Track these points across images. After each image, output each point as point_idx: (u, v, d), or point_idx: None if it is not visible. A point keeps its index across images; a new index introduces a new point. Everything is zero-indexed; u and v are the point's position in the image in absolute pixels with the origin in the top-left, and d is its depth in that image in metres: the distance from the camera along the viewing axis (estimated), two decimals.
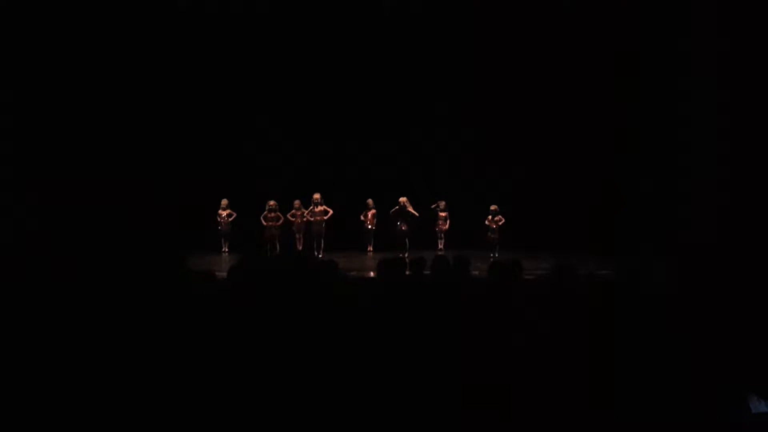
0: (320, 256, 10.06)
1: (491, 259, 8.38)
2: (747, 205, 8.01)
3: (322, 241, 10.45)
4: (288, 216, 10.58)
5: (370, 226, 10.80)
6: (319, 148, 11.29)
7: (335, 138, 11.30)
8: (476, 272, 5.37)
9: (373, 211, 10.77)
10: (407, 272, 4.11)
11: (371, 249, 10.84)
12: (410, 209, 10.38)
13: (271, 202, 10.46)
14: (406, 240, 10.37)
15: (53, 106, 10.02)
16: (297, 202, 10.57)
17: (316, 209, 10.43)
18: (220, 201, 10.79)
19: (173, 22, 10.59)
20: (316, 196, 10.45)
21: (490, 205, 10.40)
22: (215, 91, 11.05)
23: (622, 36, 9.88)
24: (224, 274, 3.48)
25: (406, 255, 9.84)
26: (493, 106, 10.88)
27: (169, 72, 10.80)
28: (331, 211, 10.49)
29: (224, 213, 10.79)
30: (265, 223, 10.51)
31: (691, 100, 9.19)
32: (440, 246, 10.67)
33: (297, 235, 10.60)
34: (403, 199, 10.42)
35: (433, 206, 10.68)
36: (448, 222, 10.67)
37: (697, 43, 8.97)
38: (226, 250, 10.77)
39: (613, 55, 9.99)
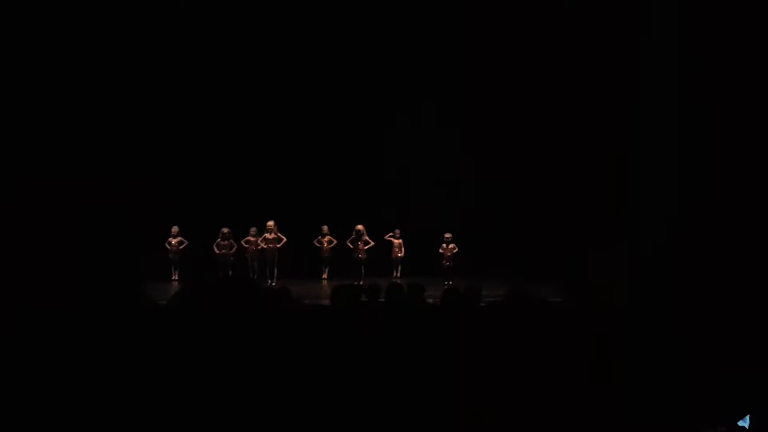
0: (273, 283, 9.88)
1: (445, 287, 8.36)
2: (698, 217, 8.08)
3: (276, 269, 10.28)
4: (242, 242, 10.40)
5: (325, 254, 10.71)
6: (275, 174, 11.18)
7: (292, 164, 11.22)
8: (431, 299, 5.36)
9: (328, 237, 10.70)
10: (362, 299, 4.06)
11: (326, 276, 10.72)
12: (366, 237, 10.38)
13: (225, 229, 10.28)
14: (362, 267, 10.31)
15: None
16: (253, 230, 10.42)
17: (269, 236, 10.29)
18: (171, 228, 10.53)
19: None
20: (270, 223, 10.32)
21: (445, 233, 10.48)
22: (167, 113, 10.83)
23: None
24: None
25: (361, 282, 9.77)
26: (446, 133, 10.98)
27: (118, 94, 10.50)
28: (284, 239, 10.36)
29: (175, 240, 10.52)
30: (217, 251, 10.29)
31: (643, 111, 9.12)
32: (395, 273, 10.64)
33: (250, 263, 10.41)
34: (359, 227, 10.42)
35: (388, 236, 10.68)
36: (403, 249, 10.67)
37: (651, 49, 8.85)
38: (176, 278, 10.48)
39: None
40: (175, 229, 10.55)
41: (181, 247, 10.53)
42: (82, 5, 9.65)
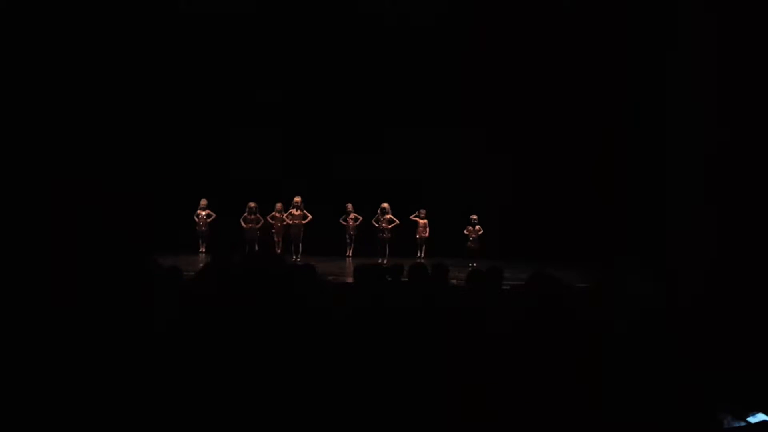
0: (298, 260, 9.97)
1: (470, 268, 8.36)
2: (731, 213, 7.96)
3: (300, 245, 10.36)
4: (268, 218, 10.48)
5: (350, 232, 10.74)
6: (303, 151, 11.19)
7: (319, 140, 11.22)
8: (454, 280, 5.34)
9: (353, 215, 10.72)
10: (385, 279, 4.05)
11: (350, 254, 10.78)
12: (390, 216, 10.36)
13: (252, 204, 10.36)
14: (386, 246, 10.32)
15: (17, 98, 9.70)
16: (279, 205, 10.47)
17: (295, 212, 10.34)
18: (199, 201, 10.66)
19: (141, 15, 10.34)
20: (297, 199, 10.37)
21: (471, 214, 10.41)
22: (196, 86, 10.91)
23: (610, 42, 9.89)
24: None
25: (385, 261, 9.80)
26: (477, 110, 10.84)
27: (144, 67, 10.58)
28: (310, 216, 10.41)
29: (203, 213, 10.65)
30: (244, 225, 10.40)
31: (678, 104, 9.17)
32: (420, 254, 10.64)
33: (276, 239, 10.49)
34: (384, 205, 10.40)
35: (413, 216, 10.65)
36: (428, 230, 10.65)
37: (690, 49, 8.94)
38: (203, 250, 10.65)
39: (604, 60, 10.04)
40: (203, 201, 10.68)
41: (208, 220, 10.67)
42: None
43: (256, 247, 10.29)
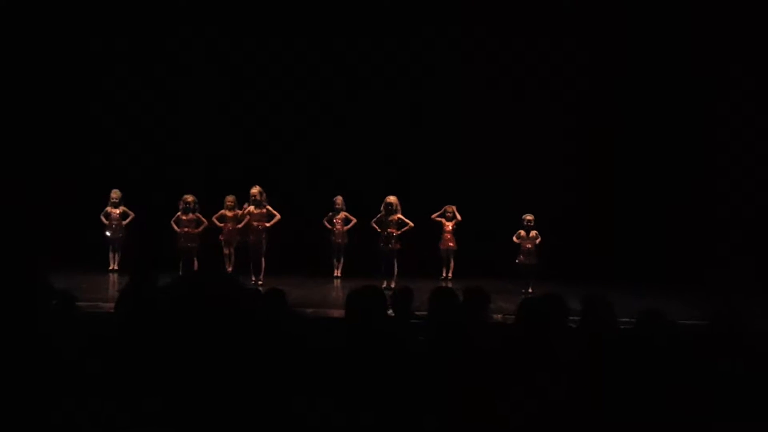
0: (260, 282, 10.00)
1: (522, 296, 8.38)
2: None
3: (263, 261, 10.38)
4: (213, 219, 10.53)
5: (338, 239, 10.75)
6: (264, 118, 11.34)
7: (290, 107, 11.38)
8: (498, 315, 5.35)
9: (344, 214, 10.74)
10: (390, 311, 4.04)
11: (339, 273, 10.85)
12: (400, 215, 10.36)
13: (189, 197, 10.42)
14: (395, 262, 10.35)
15: None
16: (230, 199, 10.54)
17: (255, 210, 10.35)
18: (110, 192, 10.76)
19: None
20: (254, 190, 10.36)
21: (524, 213, 10.45)
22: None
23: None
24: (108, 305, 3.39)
25: (392, 284, 9.80)
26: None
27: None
28: (277, 216, 10.42)
29: (116, 211, 10.72)
30: (177, 229, 10.42)
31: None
32: (446, 273, 10.69)
33: (225, 250, 10.56)
34: (391, 199, 10.40)
35: (436, 215, 10.69)
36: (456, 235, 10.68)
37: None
38: (115, 267, 10.75)
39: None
40: (115, 194, 10.76)
41: (124, 222, 10.76)
42: None
43: (195, 264, 10.34)
